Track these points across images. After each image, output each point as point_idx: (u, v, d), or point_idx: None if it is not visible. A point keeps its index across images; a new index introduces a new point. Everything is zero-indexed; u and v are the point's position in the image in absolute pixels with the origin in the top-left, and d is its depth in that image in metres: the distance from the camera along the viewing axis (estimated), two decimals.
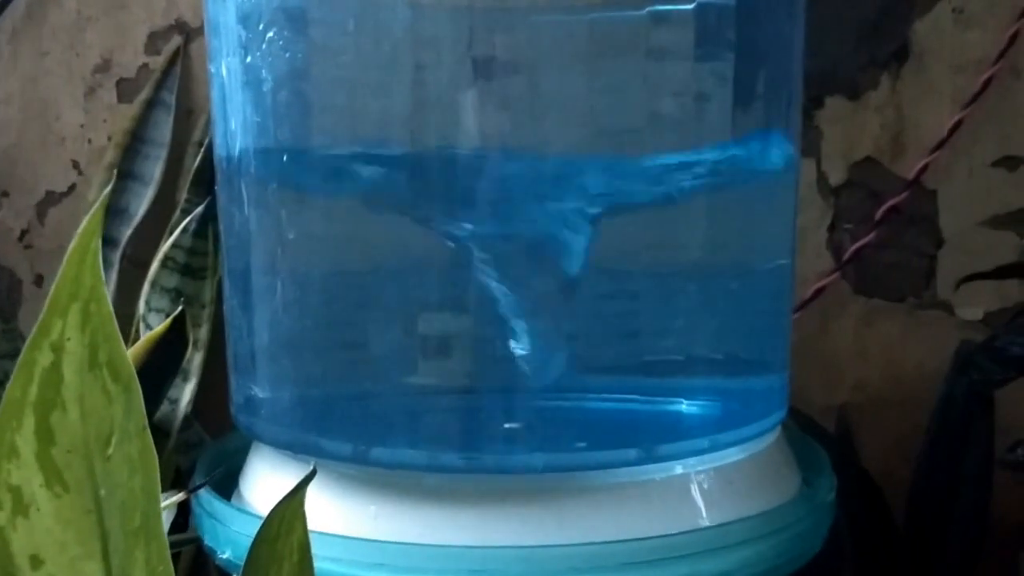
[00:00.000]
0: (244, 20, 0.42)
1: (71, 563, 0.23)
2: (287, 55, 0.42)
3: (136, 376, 0.23)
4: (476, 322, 0.43)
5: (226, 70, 0.44)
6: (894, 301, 0.62)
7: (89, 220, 0.21)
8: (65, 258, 0.21)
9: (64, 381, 0.22)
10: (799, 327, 0.62)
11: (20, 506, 0.23)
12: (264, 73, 0.42)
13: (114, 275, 0.66)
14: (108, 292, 0.65)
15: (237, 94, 0.44)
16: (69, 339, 0.22)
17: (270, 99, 0.43)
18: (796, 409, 0.51)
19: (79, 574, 0.23)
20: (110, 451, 0.23)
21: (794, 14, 0.47)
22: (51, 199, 0.72)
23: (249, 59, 0.42)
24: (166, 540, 0.25)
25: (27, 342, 0.22)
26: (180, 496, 0.35)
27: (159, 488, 0.25)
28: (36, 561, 0.23)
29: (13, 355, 0.62)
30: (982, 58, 0.59)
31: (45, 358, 0.22)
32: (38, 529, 0.23)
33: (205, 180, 0.60)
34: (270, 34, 0.41)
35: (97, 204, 0.21)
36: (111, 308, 0.23)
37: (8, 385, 0.22)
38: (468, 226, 0.43)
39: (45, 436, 0.22)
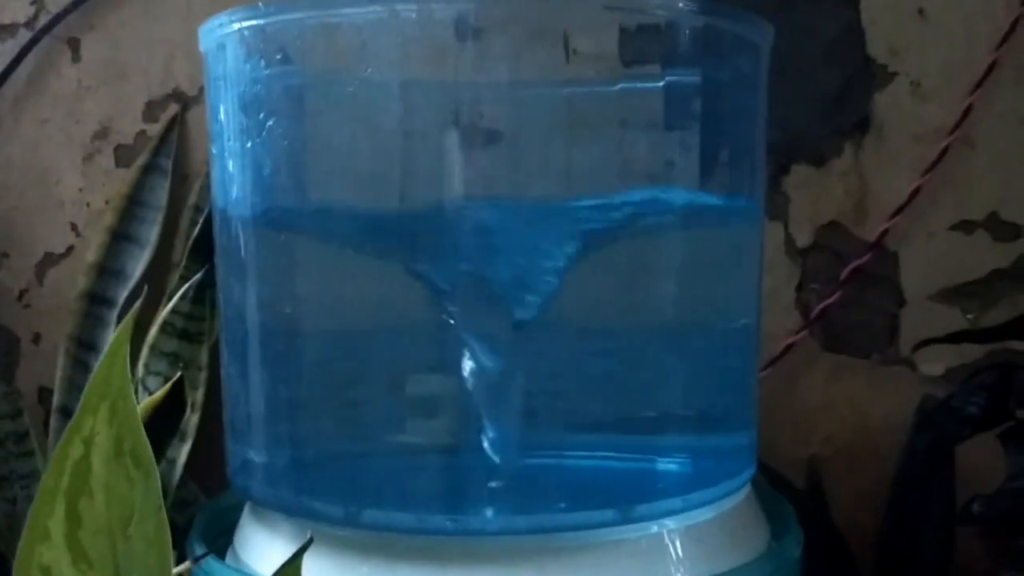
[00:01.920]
0: (245, 108, 0.45)
1: None
2: (285, 142, 0.44)
3: (155, 460, 0.26)
4: (459, 387, 0.46)
5: (227, 152, 0.47)
6: (860, 357, 0.65)
7: (121, 329, 0.23)
8: (98, 362, 0.24)
9: (92, 471, 0.24)
10: (769, 383, 0.65)
11: None
12: (263, 156, 0.45)
13: (110, 334, 0.69)
14: (103, 351, 0.67)
15: (237, 175, 0.46)
16: (99, 433, 0.24)
17: (268, 181, 0.46)
18: (765, 464, 0.53)
19: None
20: (130, 530, 0.25)
21: (756, 88, 0.50)
22: (49, 260, 0.75)
23: (249, 144, 0.45)
24: None
25: (62, 438, 0.25)
26: (185, 566, 0.37)
27: (172, 562, 0.27)
28: None
29: (13, 416, 0.64)
30: (939, 128, 0.63)
31: (76, 451, 0.24)
32: None
33: (202, 247, 0.63)
34: (270, 122, 0.44)
35: (130, 314, 0.23)
36: (136, 403, 0.25)
37: (43, 476, 0.24)
38: (452, 273, 0.45)
39: (74, 520, 0.25)
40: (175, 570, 0.29)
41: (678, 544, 0.43)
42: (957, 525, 0.55)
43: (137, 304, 0.25)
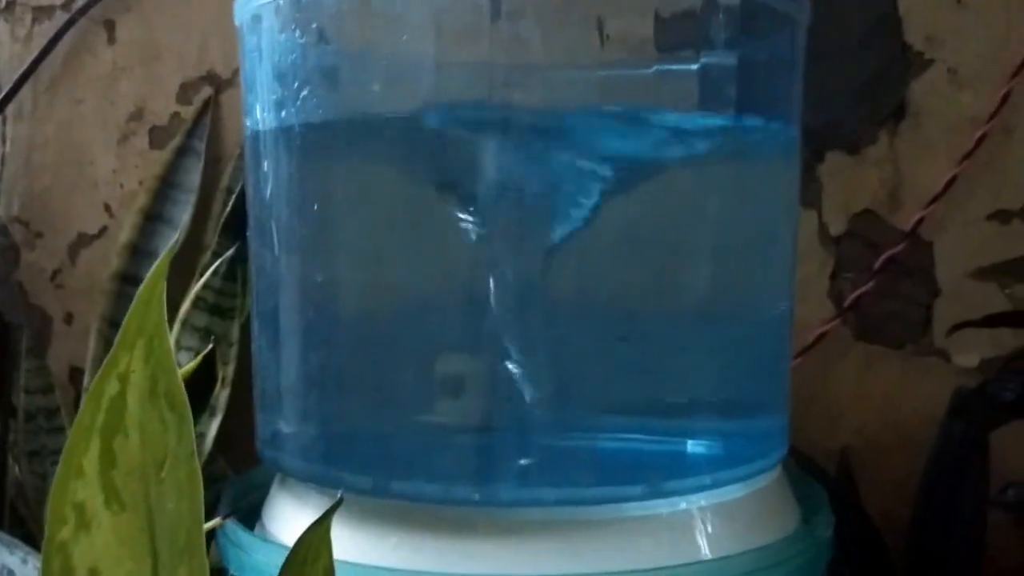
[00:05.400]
0: (279, 78, 0.45)
1: None
2: (319, 111, 0.44)
3: (189, 406, 0.26)
4: (490, 363, 0.46)
5: (261, 123, 0.47)
6: (893, 348, 0.64)
7: (158, 265, 0.24)
8: (135, 298, 0.24)
9: (128, 409, 0.25)
10: (802, 372, 0.64)
11: (83, 522, 0.25)
12: (296, 127, 0.45)
13: None
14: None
15: (270, 147, 0.47)
16: (134, 371, 0.24)
17: (301, 152, 0.46)
18: (797, 450, 0.53)
19: None
20: (163, 474, 0.25)
21: (793, 71, 0.50)
22: (82, 240, 0.75)
23: (283, 113, 0.45)
24: (206, 559, 0.28)
25: (98, 373, 0.25)
26: (215, 522, 0.38)
27: (203, 510, 0.27)
28: (94, 573, 0.25)
29: (44, 391, 0.65)
30: (975, 117, 0.62)
31: (112, 388, 0.24)
32: (97, 544, 0.25)
33: (234, 225, 0.63)
34: (304, 92, 0.44)
35: (164, 253, 0.23)
36: (171, 344, 0.25)
37: (79, 412, 0.25)
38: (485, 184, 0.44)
39: (108, 459, 0.25)
40: (205, 526, 0.29)
41: (707, 520, 0.43)
42: (990, 512, 0.54)
43: (173, 241, 0.25)
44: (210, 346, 0.48)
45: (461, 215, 0.45)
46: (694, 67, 0.47)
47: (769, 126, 0.49)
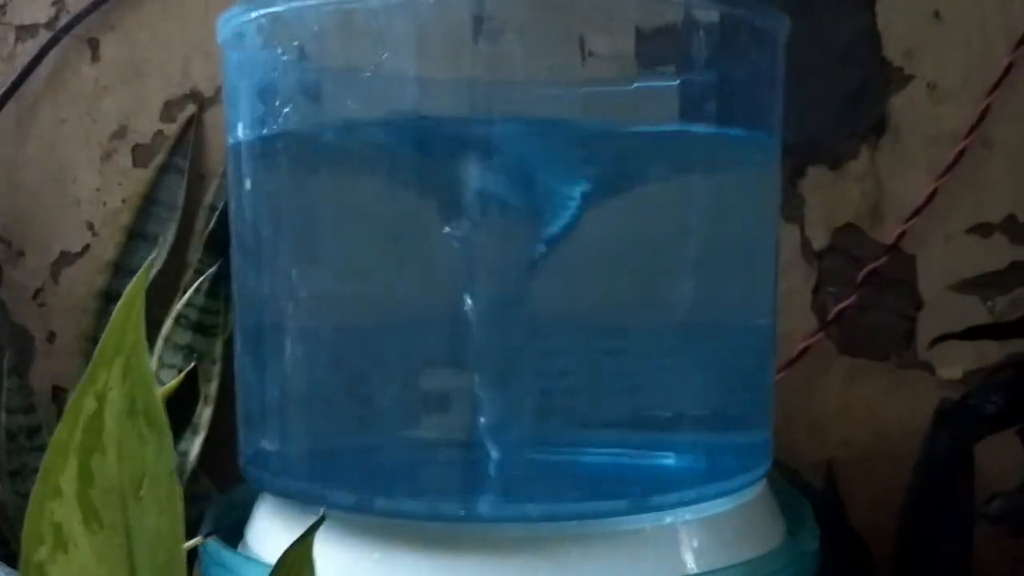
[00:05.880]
0: (261, 95, 0.45)
1: None
2: (301, 127, 0.45)
3: (168, 424, 0.26)
4: (474, 379, 0.46)
5: (243, 140, 0.47)
6: (877, 360, 0.65)
7: (135, 283, 0.23)
8: (112, 316, 0.24)
9: (105, 427, 0.24)
10: (786, 385, 0.64)
11: (60, 542, 0.25)
12: (278, 143, 0.45)
13: None
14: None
15: (252, 164, 0.46)
16: (112, 389, 0.24)
17: (283, 169, 0.46)
18: (783, 463, 0.53)
19: None
20: (142, 492, 0.25)
21: (773, 86, 0.50)
22: (65, 259, 0.75)
23: (265, 130, 0.45)
24: None
25: (75, 390, 0.24)
26: (196, 540, 0.37)
27: (183, 528, 0.27)
28: None
29: (26, 410, 0.64)
30: (955, 131, 0.63)
31: (90, 406, 0.24)
32: (75, 564, 0.25)
33: (217, 242, 0.63)
34: (286, 109, 0.44)
35: (141, 270, 0.23)
36: (149, 361, 0.25)
37: (56, 430, 0.24)
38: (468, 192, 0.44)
39: (85, 478, 0.25)
40: (186, 544, 0.29)
41: (692, 535, 0.43)
42: (976, 524, 0.54)
43: (151, 257, 0.25)
44: (192, 364, 0.48)
45: (443, 231, 0.45)
46: (674, 83, 0.47)
47: (749, 140, 0.50)
